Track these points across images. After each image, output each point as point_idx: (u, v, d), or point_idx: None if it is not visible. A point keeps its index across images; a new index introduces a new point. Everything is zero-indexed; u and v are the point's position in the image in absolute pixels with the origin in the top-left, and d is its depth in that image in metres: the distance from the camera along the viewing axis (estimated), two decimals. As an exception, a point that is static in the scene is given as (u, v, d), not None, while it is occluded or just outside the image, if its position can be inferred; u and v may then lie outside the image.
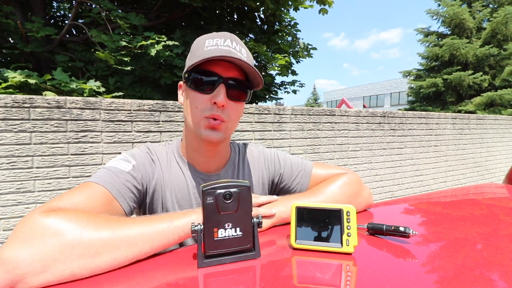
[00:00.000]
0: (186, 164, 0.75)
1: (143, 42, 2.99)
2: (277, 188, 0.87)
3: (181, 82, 0.75)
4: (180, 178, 0.73)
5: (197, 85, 0.66)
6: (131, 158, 0.69)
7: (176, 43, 3.30)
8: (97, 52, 2.83)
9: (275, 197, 0.68)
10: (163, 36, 3.17)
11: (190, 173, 0.74)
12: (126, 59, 2.98)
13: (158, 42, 3.13)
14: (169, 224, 0.51)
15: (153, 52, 3.02)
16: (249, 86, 0.71)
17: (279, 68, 4.79)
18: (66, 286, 0.42)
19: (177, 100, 2.68)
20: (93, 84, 2.53)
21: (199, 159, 0.75)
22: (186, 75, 0.68)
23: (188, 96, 0.69)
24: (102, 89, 2.60)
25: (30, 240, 0.41)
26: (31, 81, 2.15)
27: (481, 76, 10.61)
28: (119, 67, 3.04)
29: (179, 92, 0.76)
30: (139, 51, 3.18)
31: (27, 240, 0.41)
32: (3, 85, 2.08)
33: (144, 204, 0.72)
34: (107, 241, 0.45)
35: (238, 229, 0.49)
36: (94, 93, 2.55)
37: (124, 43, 2.99)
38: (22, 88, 2.22)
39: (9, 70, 2.23)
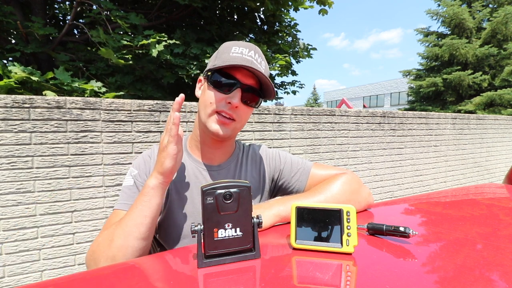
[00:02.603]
0: (190, 155, 0.81)
1: (144, 41, 2.98)
2: (276, 185, 0.88)
3: (201, 77, 0.80)
4: (181, 167, 0.78)
5: (217, 85, 0.72)
6: (133, 169, 0.77)
7: (177, 42, 3.29)
8: (100, 49, 2.81)
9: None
10: (163, 34, 3.16)
11: (192, 162, 0.80)
12: (128, 56, 2.98)
13: (159, 42, 3.12)
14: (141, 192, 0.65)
15: (154, 53, 3.01)
16: (262, 95, 0.78)
17: (279, 68, 4.79)
18: (66, 286, 0.42)
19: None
20: (94, 84, 2.53)
21: (205, 150, 0.80)
22: (209, 73, 0.74)
23: (206, 92, 0.74)
24: (103, 89, 2.59)
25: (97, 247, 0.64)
26: (34, 78, 2.14)
27: (481, 76, 10.61)
28: (120, 65, 3.04)
29: (197, 86, 0.82)
30: (140, 51, 3.17)
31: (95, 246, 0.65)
32: (6, 81, 2.05)
33: None
34: (114, 230, 0.63)
35: (238, 229, 0.49)
36: (95, 94, 2.55)
37: (125, 42, 2.98)
38: (24, 84, 2.20)
39: (15, 64, 2.22)
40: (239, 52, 0.71)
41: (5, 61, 2.25)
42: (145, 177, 0.76)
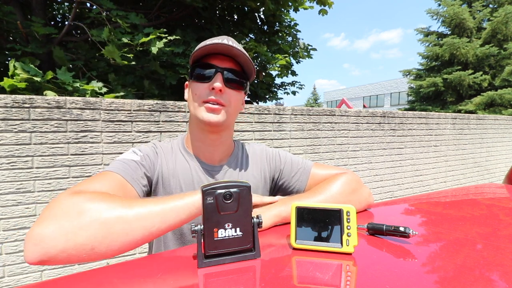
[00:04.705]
0: (190, 156, 0.80)
1: (144, 39, 2.98)
2: (277, 185, 0.89)
3: (187, 82, 0.81)
4: (185, 168, 0.77)
5: (198, 77, 0.73)
6: (138, 150, 0.75)
7: (177, 37, 3.29)
8: (104, 48, 2.80)
9: (277, 198, 0.71)
10: (163, 29, 3.15)
11: (194, 164, 0.79)
12: (129, 55, 2.97)
13: (159, 39, 3.12)
14: (181, 201, 0.55)
15: (154, 50, 3.00)
16: (244, 76, 0.77)
17: (279, 68, 4.79)
18: (66, 286, 0.42)
19: (178, 99, 2.66)
20: (95, 84, 2.53)
21: (203, 149, 0.79)
22: (189, 71, 0.76)
23: (191, 88, 0.76)
24: (104, 90, 2.59)
25: (56, 218, 0.48)
26: (37, 78, 2.14)
27: (481, 75, 10.60)
28: (121, 65, 3.03)
29: (185, 91, 0.82)
30: (140, 49, 3.17)
31: (53, 218, 0.48)
32: (11, 81, 2.04)
33: (151, 192, 0.77)
34: (120, 217, 0.49)
35: (238, 229, 0.49)
36: (96, 94, 2.54)
37: (125, 40, 2.97)
38: (31, 84, 2.19)
39: (19, 63, 2.21)
40: (211, 42, 0.72)
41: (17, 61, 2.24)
42: (150, 163, 0.73)
